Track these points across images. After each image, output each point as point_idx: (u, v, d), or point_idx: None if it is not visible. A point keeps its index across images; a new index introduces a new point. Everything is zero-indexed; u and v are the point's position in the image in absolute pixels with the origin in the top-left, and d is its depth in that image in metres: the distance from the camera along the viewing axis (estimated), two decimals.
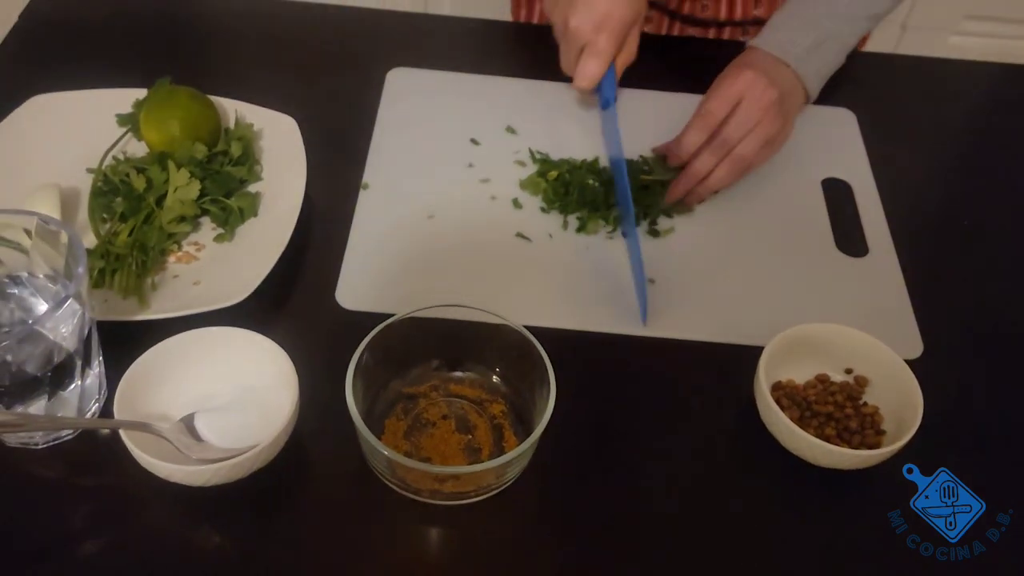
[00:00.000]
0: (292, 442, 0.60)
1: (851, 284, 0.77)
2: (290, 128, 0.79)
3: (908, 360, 0.69)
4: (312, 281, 0.72)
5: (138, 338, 0.61)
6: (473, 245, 0.76)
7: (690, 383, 0.69)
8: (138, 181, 0.71)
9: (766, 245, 0.79)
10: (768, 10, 1.01)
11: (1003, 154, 0.93)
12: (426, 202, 0.79)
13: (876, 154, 0.87)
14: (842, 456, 0.61)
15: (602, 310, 0.72)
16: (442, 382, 0.65)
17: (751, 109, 0.76)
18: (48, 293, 0.60)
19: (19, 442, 0.60)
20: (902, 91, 0.97)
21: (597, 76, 0.79)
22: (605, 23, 0.77)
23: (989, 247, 0.82)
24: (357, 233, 0.75)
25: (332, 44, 0.95)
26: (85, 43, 0.91)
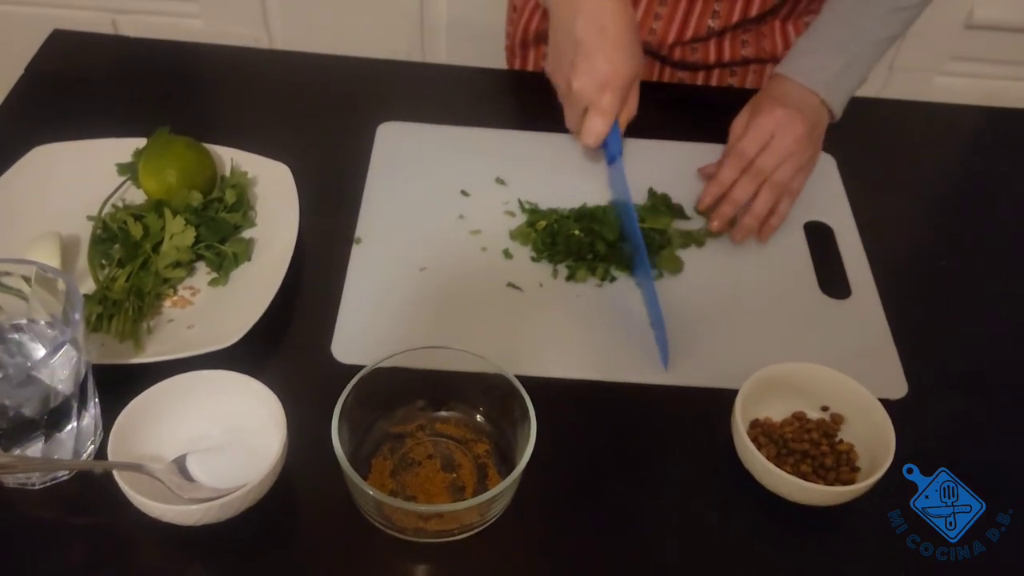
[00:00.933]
0: (281, 482, 0.61)
1: (835, 326, 0.78)
2: (284, 175, 0.82)
3: (893, 400, 0.71)
4: (303, 324, 0.74)
5: (134, 381, 0.63)
6: (465, 297, 0.77)
7: (673, 424, 0.70)
8: (135, 228, 0.73)
9: (750, 289, 0.80)
10: (756, 50, 1.04)
11: (983, 196, 0.95)
12: (418, 255, 0.80)
13: (857, 197, 0.90)
14: (816, 493, 0.62)
15: (590, 358, 0.73)
16: (428, 422, 0.67)
17: (783, 142, 0.81)
18: (47, 338, 0.62)
19: (17, 483, 0.62)
20: (882, 135, 0.99)
21: (603, 134, 0.82)
22: (608, 83, 0.80)
23: (971, 287, 0.84)
24: (351, 288, 0.76)
25: (327, 93, 0.98)
26: (87, 95, 0.95)
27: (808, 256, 0.84)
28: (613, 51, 0.79)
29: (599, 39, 0.79)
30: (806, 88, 0.85)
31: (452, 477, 0.64)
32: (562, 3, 0.81)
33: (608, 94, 0.80)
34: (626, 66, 0.80)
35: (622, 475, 0.67)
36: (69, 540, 0.61)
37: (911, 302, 0.81)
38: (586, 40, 0.79)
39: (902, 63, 1.40)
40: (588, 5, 0.79)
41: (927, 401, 0.73)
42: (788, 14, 1.03)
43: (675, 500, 0.66)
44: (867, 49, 0.87)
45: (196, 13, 1.44)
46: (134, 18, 1.42)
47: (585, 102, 0.81)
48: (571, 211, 0.85)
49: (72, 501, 0.63)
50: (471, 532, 0.61)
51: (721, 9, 0.98)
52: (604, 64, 0.79)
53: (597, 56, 0.79)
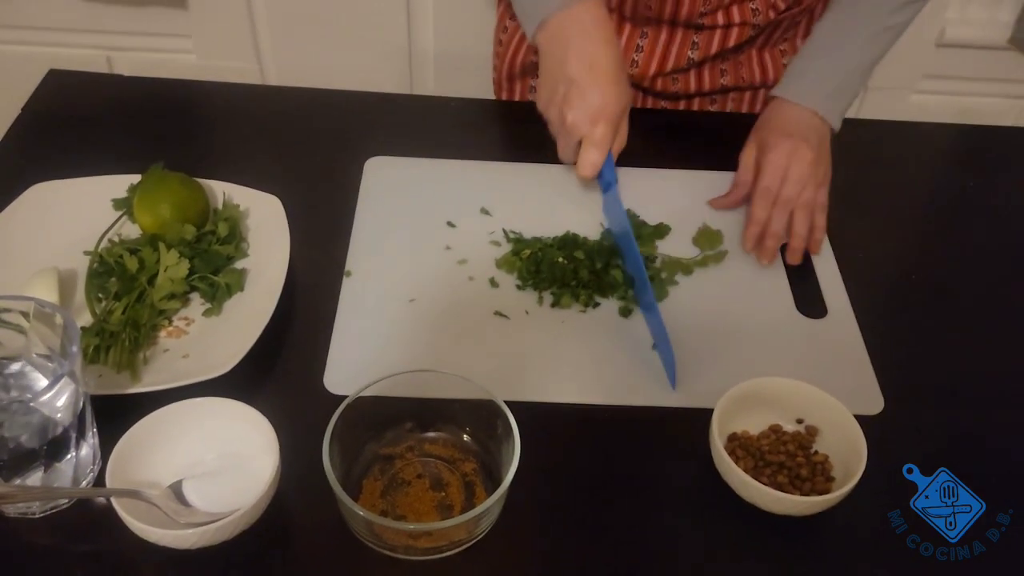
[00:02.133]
0: (275, 505, 0.63)
1: (812, 344, 0.80)
2: (275, 207, 0.84)
3: (870, 415, 0.73)
4: (295, 351, 0.77)
5: (131, 410, 0.65)
6: (454, 326, 0.79)
7: (655, 441, 0.72)
8: (131, 262, 0.76)
9: (730, 312, 0.82)
10: (734, 79, 1.07)
11: (953, 212, 0.98)
12: (407, 286, 0.82)
13: (830, 218, 0.92)
14: (792, 503, 0.64)
15: (575, 382, 0.75)
16: (417, 443, 0.69)
17: (800, 170, 0.87)
18: (46, 370, 0.65)
19: (17, 512, 0.64)
20: (853, 157, 1.02)
21: (599, 164, 0.85)
22: (600, 115, 0.83)
23: (944, 303, 0.86)
24: (342, 321, 0.78)
25: (316, 127, 1.01)
26: (83, 133, 0.98)
27: (785, 278, 0.87)
28: (604, 85, 0.83)
29: (590, 75, 0.83)
30: (805, 108, 0.91)
31: (441, 496, 0.66)
32: (553, 43, 0.85)
33: (601, 126, 0.84)
34: (616, 99, 0.84)
35: (606, 491, 0.69)
36: (70, 567, 0.63)
37: (886, 320, 0.83)
38: (578, 76, 0.83)
39: (877, 82, 1.43)
40: (578, 43, 0.83)
41: (905, 415, 0.74)
42: (764, 43, 1.06)
43: (658, 514, 0.68)
44: (857, 68, 0.93)
45: (189, 48, 1.47)
46: (128, 55, 1.46)
47: (579, 135, 0.85)
48: (554, 239, 0.87)
49: (72, 528, 0.64)
50: (460, 548, 0.63)
51: (700, 41, 1.01)
52: (596, 98, 0.83)
53: (589, 90, 0.83)
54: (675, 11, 0.97)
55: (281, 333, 0.77)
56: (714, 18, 0.99)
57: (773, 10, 1.00)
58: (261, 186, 0.87)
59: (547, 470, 0.68)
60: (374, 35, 1.46)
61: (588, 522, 0.67)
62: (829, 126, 0.92)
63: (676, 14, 0.98)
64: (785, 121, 0.91)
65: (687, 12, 0.97)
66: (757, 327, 0.81)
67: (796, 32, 1.07)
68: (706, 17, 0.99)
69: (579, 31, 0.84)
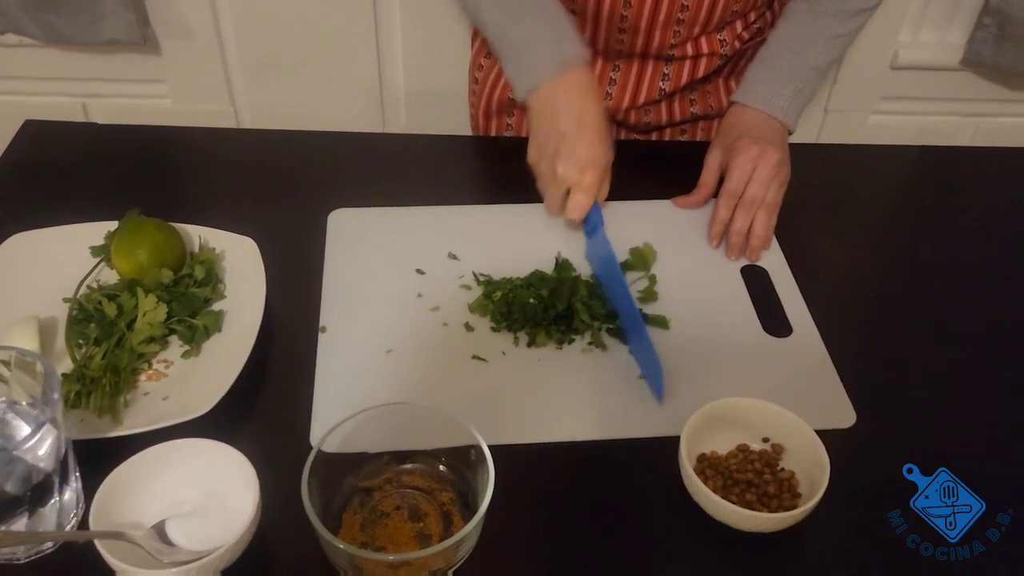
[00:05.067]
0: (256, 541, 0.65)
1: (780, 363, 0.83)
2: (250, 249, 0.86)
3: (842, 429, 0.76)
4: (274, 389, 0.78)
5: (113, 453, 0.67)
6: (433, 373, 0.80)
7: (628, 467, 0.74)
8: (109, 308, 0.77)
9: (697, 335, 0.85)
10: (703, 107, 1.11)
11: (913, 231, 1.02)
12: (383, 338, 0.82)
13: (788, 239, 0.95)
14: (760, 520, 0.66)
15: (554, 420, 0.77)
16: (394, 475, 0.70)
17: (765, 171, 0.93)
18: (28, 418, 0.66)
19: (2, 558, 0.65)
20: (813, 179, 1.06)
21: (587, 207, 0.90)
22: (589, 165, 0.89)
23: (905, 318, 0.89)
24: (322, 378, 0.78)
25: (286, 169, 1.03)
26: (60, 181, 0.99)
27: (748, 299, 0.89)
28: (592, 139, 0.88)
29: (580, 129, 0.88)
30: (765, 114, 0.97)
31: (419, 526, 0.68)
32: (544, 104, 0.90)
33: (589, 174, 0.88)
34: (602, 151, 0.89)
35: (580, 517, 0.70)
36: None
37: (849, 335, 0.86)
38: (568, 131, 0.88)
39: (837, 104, 1.48)
40: (568, 101, 0.89)
41: (877, 427, 0.77)
42: (730, 72, 1.10)
43: (632, 537, 0.69)
44: (812, 73, 1.00)
45: (164, 93, 1.50)
46: (104, 101, 1.48)
47: (569, 183, 0.89)
48: (523, 279, 0.88)
49: (58, 573, 0.65)
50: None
51: (671, 72, 1.05)
52: (584, 150, 0.88)
53: (578, 143, 0.88)
54: (646, 44, 1.01)
55: (260, 372, 0.78)
56: (684, 50, 1.03)
57: (738, 40, 1.04)
58: (235, 229, 0.89)
59: (523, 499, 0.69)
60: (345, 74, 1.49)
61: (564, 547, 0.68)
62: (788, 128, 0.98)
63: (647, 47, 1.02)
64: (748, 125, 0.97)
65: (658, 44, 1.01)
66: (726, 349, 0.84)
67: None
68: (676, 48, 1.02)
69: (569, 91, 0.90)
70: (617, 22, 0.99)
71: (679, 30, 1.00)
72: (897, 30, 1.44)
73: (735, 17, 1.02)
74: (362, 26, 1.43)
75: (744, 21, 1.03)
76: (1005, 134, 1.53)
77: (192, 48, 1.44)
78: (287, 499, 0.65)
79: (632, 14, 0.98)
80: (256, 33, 1.44)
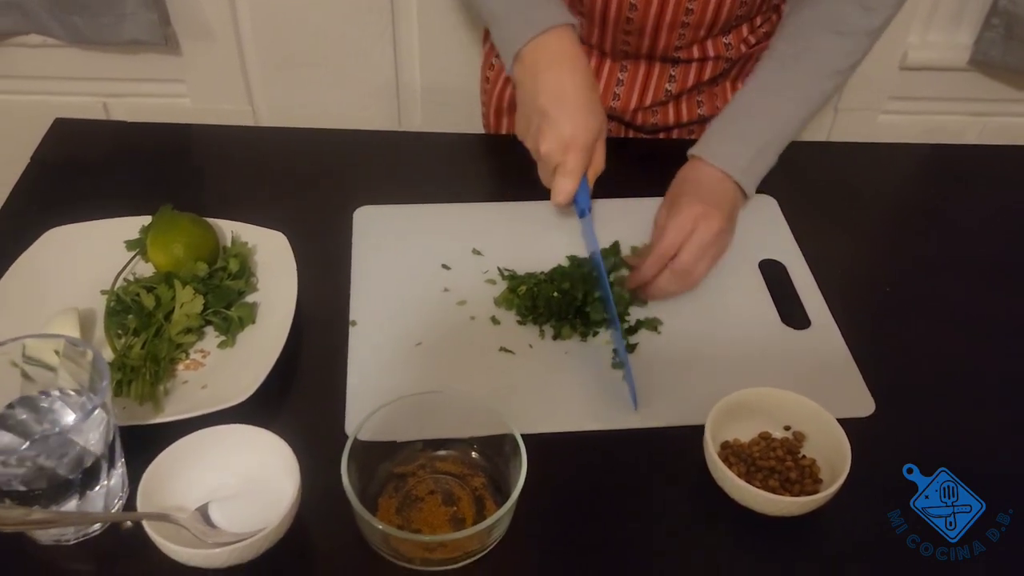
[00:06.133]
0: (296, 523, 0.67)
1: (799, 354, 0.85)
2: (281, 243, 0.88)
3: (862, 418, 0.77)
4: (308, 377, 0.81)
5: (154, 440, 0.69)
6: (462, 365, 0.82)
7: (655, 456, 0.76)
8: (148, 299, 0.80)
9: (717, 328, 0.87)
10: (710, 108, 1.13)
11: (925, 227, 1.04)
12: (412, 331, 0.84)
13: (805, 234, 0.97)
14: (783, 504, 0.69)
15: (582, 408, 0.79)
16: (428, 461, 0.73)
17: (704, 237, 0.86)
18: (75, 405, 0.68)
19: (52, 539, 0.67)
20: (826, 176, 1.08)
21: (571, 192, 0.87)
22: (571, 144, 0.85)
23: (920, 310, 0.91)
24: (354, 371, 0.80)
25: (311, 165, 1.06)
26: (91, 178, 1.02)
27: (767, 292, 0.91)
28: (574, 115, 0.85)
29: (559, 106, 0.85)
30: (722, 172, 0.91)
31: (453, 510, 0.70)
32: (526, 75, 0.88)
33: (572, 155, 0.85)
34: (586, 127, 0.86)
35: (609, 504, 0.73)
36: None
37: (866, 327, 0.88)
38: (548, 108, 0.85)
39: (846, 104, 1.50)
40: (546, 75, 0.86)
41: (896, 415, 0.79)
42: (738, 75, 1.12)
43: (660, 522, 0.72)
44: (778, 134, 0.93)
45: (184, 93, 1.52)
46: (124, 100, 1.50)
47: (553, 163, 0.87)
48: (546, 273, 0.90)
49: (104, 554, 0.68)
50: (473, 559, 0.67)
51: (677, 74, 1.07)
52: (567, 128, 0.85)
53: (559, 121, 0.85)
54: (652, 46, 1.03)
55: (292, 363, 0.80)
56: (690, 52, 1.04)
57: (744, 44, 1.06)
58: (265, 223, 0.91)
59: (552, 485, 0.72)
60: (362, 74, 1.51)
61: (594, 531, 0.71)
62: (743, 193, 0.92)
63: (653, 49, 1.03)
64: (699, 183, 0.91)
65: (663, 47, 1.03)
66: (746, 340, 0.86)
67: None
68: (682, 51, 1.04)
69: (548, 62, 0.86)
70: (623, 24, 1.01)
71: (684, 33, 1.01)
72: (906, 31, 1.46)
73: (740, 21, 1.04)
74: (379, 26, 1.45)
75: (750, 26, 1.05)
76: (1012, 133, 1.55)
77: (212, 48, 1.46)
78: (323, 485, 0.68)
79: (637, 16, 0.99)
80: (275, 33, 1.46)
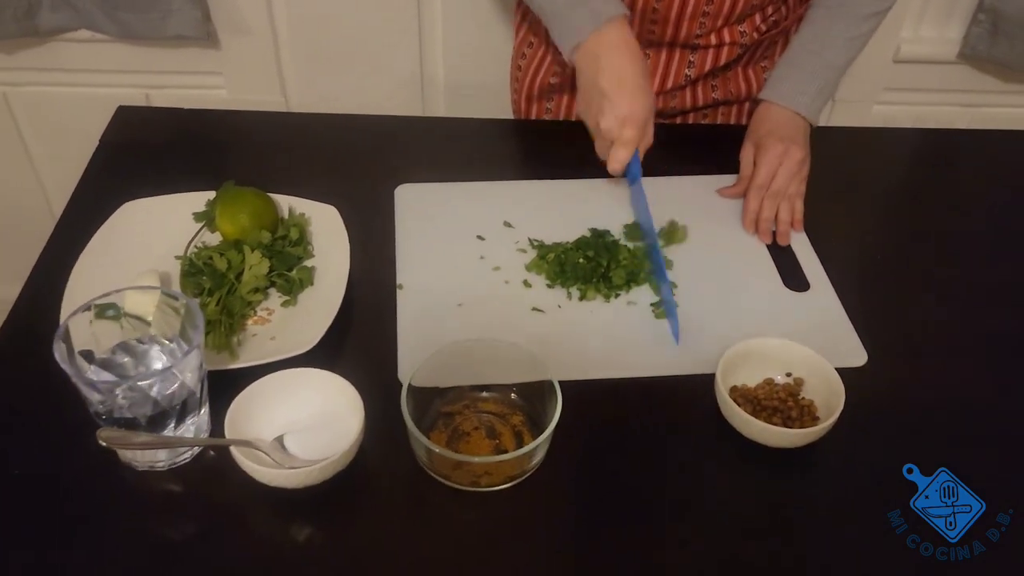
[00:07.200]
0: (360, 452, 0.77)
1: (800, 313, 0.95)
2: (333, 215, 0.98)
3: (855, 367, 0.87)
4: (361, 329, 0.90)
5: (229, 385, 0.78)
6: (499, 322, 0.91)
7: (672, 399, 0.86)
8: (220, 262, 0.89)
9: (727, 288, 0.97)
10: (723, 93, 1.23)
11: (914, 202, 1.14)
12: (453, 293, 0.94)
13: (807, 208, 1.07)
14: (786, 435, 0.78)
15: (605, 359, 0.88)
16: (472, 401, 0.83)
17: (790, 167, 1.05)
18: (166, 350, 0.78)
19: (147, 466, 0.77)
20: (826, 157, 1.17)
21: (626, 160, 1.00)
22: (628, 120, 0.98)
23: (907, 276, 1.02)
24: (403, 328, 0.90)
25: (354, 147, 1.16)
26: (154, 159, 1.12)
27: (771, 260, 1.02)
28: (631, 95, 0.98)
29: (619, 87, 0.98)
30: (791, 110, 1.09)
31: (495, 443, 0.80)
32: (587, 61, 1.00)
33: (628, 129, 0.99)
34: (642, 106, 0.99)
35: (633, 440, 0.82)
36: (191, 509, 0.76)
37: (859, 289, 0.98)
38: (608, 89, 0.98)
39: (843, 95, 1.60)
40: (607, 60, 0.99)
41: (885, 364, 0.88)
42: (748, 61, 1.22)
43: (676, 453, 0.82)
44: (832, 72, 1.11)
45: (221, 84, 1.61)
46: (165, 92, 1.60)
47: (611, 137, 1.00)
48: (573, 243, 1.01)
49: (191, 479, 0.77)
50: (514, 482, 0.77)
51: (695, 60, 1.17)
52: (624, 106, 0.98)
53: (618, 100, 0.98)
54: (675, 34, 1.13)
55: (347, 320, 0.90)
56: (708, 39, 1.15)
57: (756, 31, 1.16)
58: (317, 197, 1.00)
59: (582, 425, 0.81)
60: (388, 67, 1.61)
61: (618, 462, 0.80)
62: (810, 123, 1.10)
63: (676, 36, 1.14)
64: (775, 124, 1.09)
65: (685, 34, 1.13)
66: (753, 299, 0.96)
67: (774, 51, 1.23)
68: (701, 38, 1.14)
69: (608, 50, 0.99)
70: (649, 14, 1.11)
71: (704, 21, 1.12)
72: (899, 26, 1.56)
73: (754, 10, 1.14)
74: (405, 22, 1.55)
75: (763, 14, 1.15)
76: (998, 122, 1.63)
77: (248, 42, 1.56)
78: (379, 423, 0.77)
79: (663, 7, 1.10)
80: (307, 29, 1.56)
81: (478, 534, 0.76)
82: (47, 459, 0.78)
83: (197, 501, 0.77)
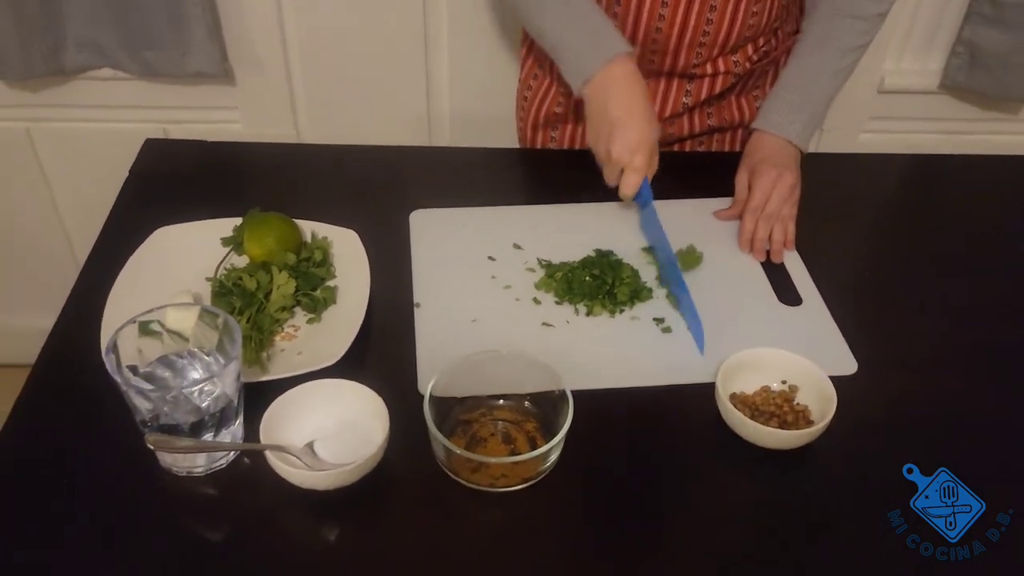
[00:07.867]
0: (385, 457, 0.82)
1: (794, 325, 1.01)
2: (353, 239, 1.04)
3: (845, 376, 0.93)
4: (382, 345, 0.96)
5: (260, 396, 0.84)
6: (511, 337, 0.96)
7: (677, 407, 0.91)
8: (250, 282, 0.95)
9: (724, 304, 1.03)
10: (718, 120, 1.30)
11: (900, 223, 1.20)
12: (467, 311, 1.00)
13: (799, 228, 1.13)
14: (783, 437, 0.84)
15: (610, 371, 0.94)
16: (488, 409, 0.88)
17: (782, 191, 1.12)
18: (203, 365, 0.84)
19: (185, 471, 0.82)
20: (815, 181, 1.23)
21: (638, 185, 1.07)
22: (638, 147, 1.06)
23: (894, 293, 1.08)
24: (421, 343, 0.95)
25: (369, 175, 1.22)
26: (182, 188, 1.18)
27: (765, 276, 1.08)
28: (640, 124, 1.06)
29: (628, 117, 1.06)
30: (783, 139, 1.17)
31: (511, 447, 0.85)
32: (596, 93, 1.08)
33: (639, 156, 1.06)
34: (649, 134, 1.07)
35: (639, 445, 0.88)
36: (227, 511, 0.82)
37: (849, 304, 1.04)
38: (618, 118, 1.05)
39: (830, 124, 1.67)
40: (616, 92, 1.07)
41: (873, 374, 0.94)
42: (741, 90, 1.30)
43: (680, 455, 0.87)
44: (820, 102, 1.19)
45: (237, 119, 1.69)
46: (183, 126, 1.67)
47: (622, 164, 1.07)
48: (579, 262, 1.07)
49: (227, 484, 0.83)
50: (529, 484, 0.82)
51: (692, 88, 1.25)
52: (633, 134, 1.05)
53: (628, 128, 1.05)
54: (673, 63, 1.21)
55: (368, 336, 0.95)
56: (704, 68, 1.22)
57: (749, 61, 1.24)
58: (337, 223, 1.07)
59: (591, 431, 0.86)
60: (396, 103, 1.69)
61: (625, 463, 0.86)
62: (800, 150, 1.18)
63: (674, 66, 1.21)
64: (768, 151, 1.16)
65: (683, 64, 1.21)
66: (749, 313, 1.02)
67: (765, 80, 1.30)
68: (698, 68, 1.22)
69: (616, 82, 1.07)
70: (650, 44, 1.18)
71: (700, 51, 1.19)
72: (882, 58, 1.64)
73: (747, 41, 1.21)
74: (413, 60, 1.63)
75: (754, 45, 1.23)
76: (979, 149, 1.69)
77: (263, 79, 1.63)
78: (401, 431, 0.82)
79: (662, 37, 1.17)
80: (319, 67, 1.64)
81: (495, 531, 0.81)
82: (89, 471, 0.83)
83: (233, 504, 0.82)
